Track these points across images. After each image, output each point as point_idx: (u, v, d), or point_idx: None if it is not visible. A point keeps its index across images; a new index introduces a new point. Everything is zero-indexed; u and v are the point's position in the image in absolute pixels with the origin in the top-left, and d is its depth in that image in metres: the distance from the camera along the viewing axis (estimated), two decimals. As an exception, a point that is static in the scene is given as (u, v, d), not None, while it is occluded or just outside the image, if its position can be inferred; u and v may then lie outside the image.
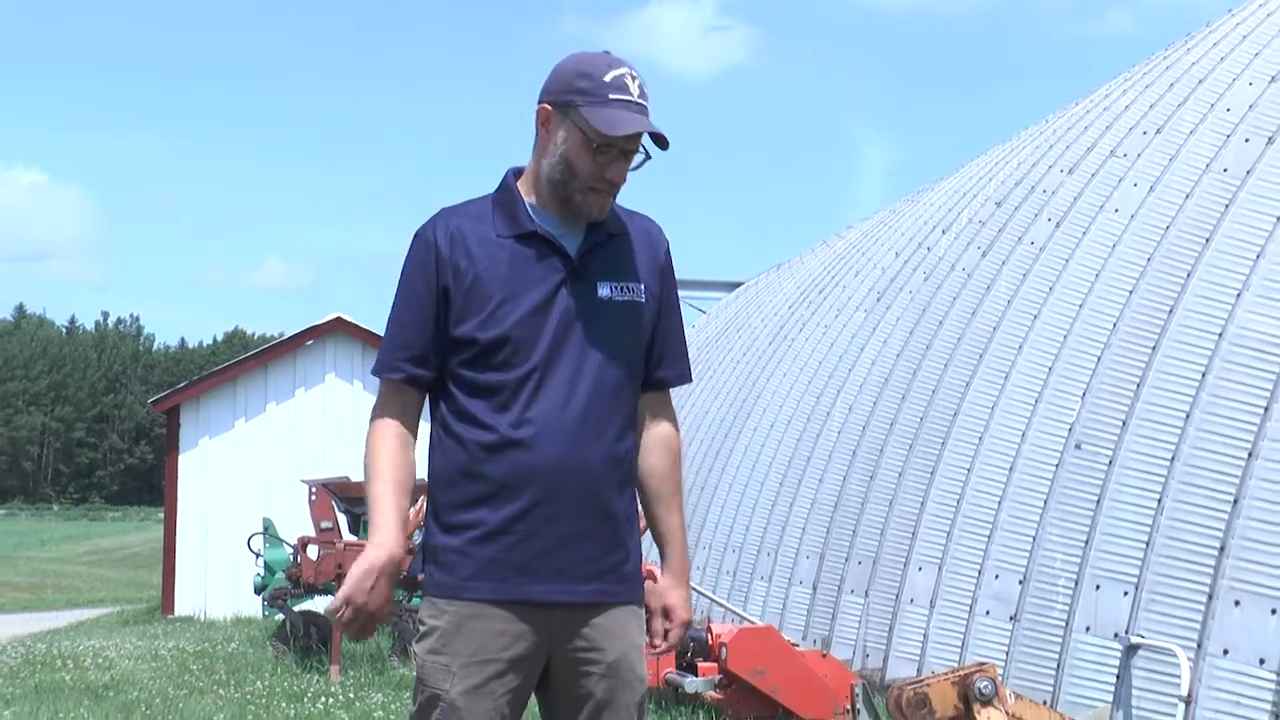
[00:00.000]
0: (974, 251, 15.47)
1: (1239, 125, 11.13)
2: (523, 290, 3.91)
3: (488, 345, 3.90)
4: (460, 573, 3.90)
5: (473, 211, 4.02)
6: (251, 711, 11.82)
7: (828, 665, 11.34)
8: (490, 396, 3.90)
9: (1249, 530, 8.76)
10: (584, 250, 3.99)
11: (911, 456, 13.87)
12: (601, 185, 3.92)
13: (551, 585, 3.89)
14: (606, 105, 3.85)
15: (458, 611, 3.88)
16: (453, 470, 3.95)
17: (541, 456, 3.86)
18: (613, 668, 3.95)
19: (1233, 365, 9.49)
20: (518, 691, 3.91)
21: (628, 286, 4.03)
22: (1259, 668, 8.51)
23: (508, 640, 3.87)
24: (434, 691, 3.86)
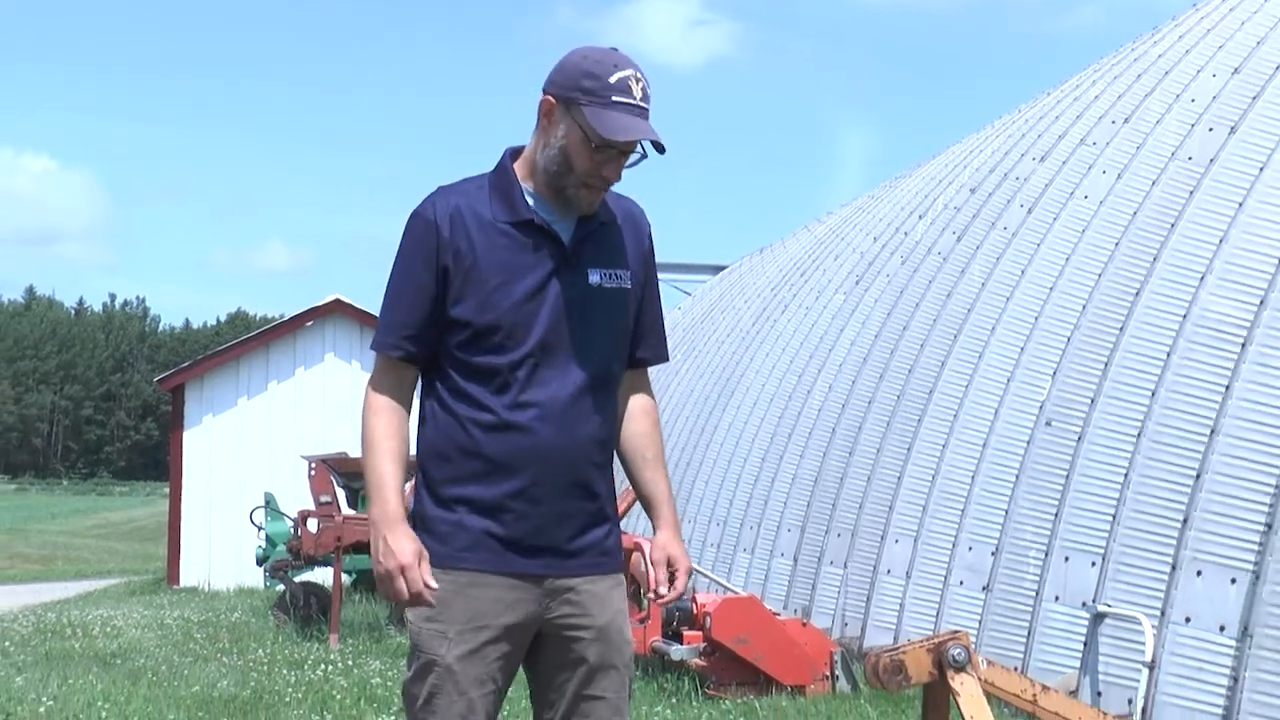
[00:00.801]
0: (949, 236, 15.48)
1: (1203, 115, 11.14)
2: (518, 276, 3.90)
3: (483, 329, 3.89)
4: (455, 544, 3.90)
5: (470, 192, 3.99)
6: (254, 678, 11.82)
7: (808, 634, 11.36)
8: (487, 379, 3.90)
9: (1210, 503, 8.78)
10: (577, 239, 3.98)
11: (889, 433, 13.89)
12: (596, 182, 3.91)
13: (542, 560, 3.91)
14: (609, 107, 3.83)
15: (453, 580, 3.87)
16: (448, 446, 3.95)
17: (538, 439, 3.87)
18: (603, 632, 3.97)
19: (1196, 346, 9.51)
20: (509, 658, 3.92)
21: (616, 274, 4.03)
22: (1219, 634, 8.55)
23: (501, 608, 3.88)
24: (430, 657, 3.86)
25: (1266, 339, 8.91)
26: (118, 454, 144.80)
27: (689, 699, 10.48)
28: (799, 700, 10.38)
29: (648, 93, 3.90)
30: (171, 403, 28.57)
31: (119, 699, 10.57)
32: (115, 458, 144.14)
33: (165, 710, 10.06)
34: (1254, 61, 10.97)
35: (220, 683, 11.65)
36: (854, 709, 9.89)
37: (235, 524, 24.03)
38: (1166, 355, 9.74)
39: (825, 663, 11.01)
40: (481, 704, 3.86)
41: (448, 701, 3.84)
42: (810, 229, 27.24)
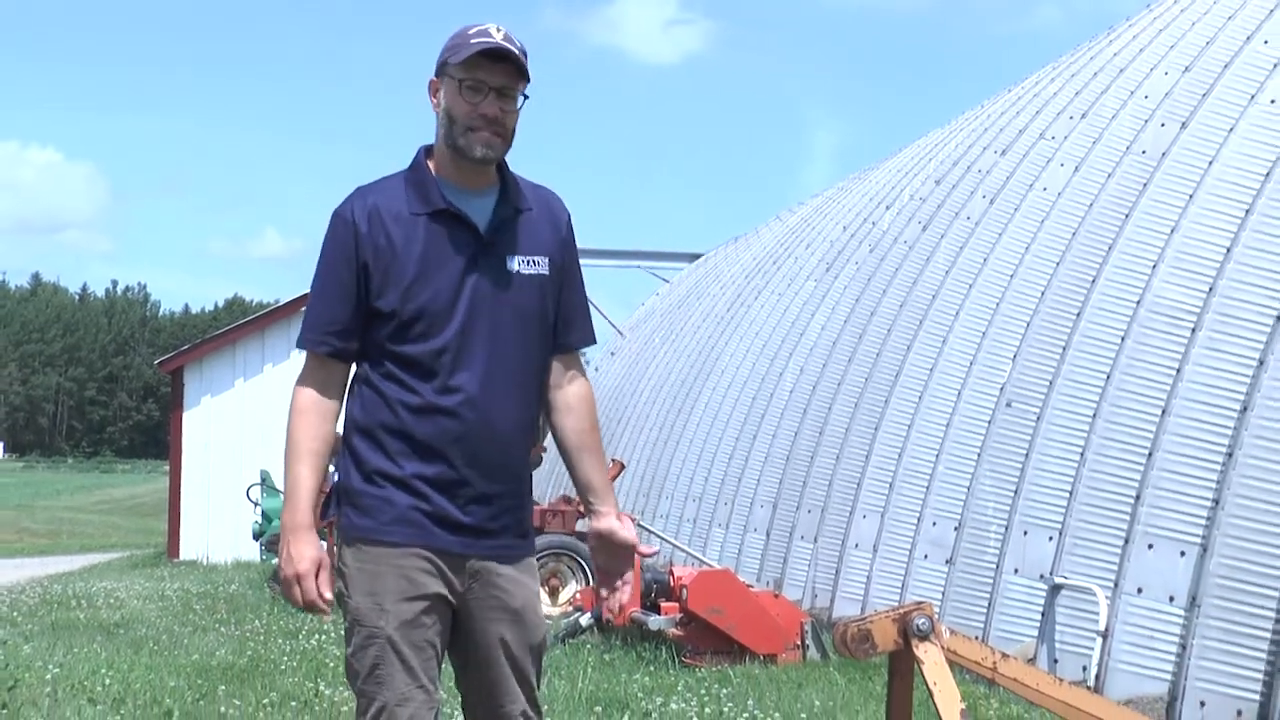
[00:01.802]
0: (915, 226, 15.49)
1: (1156, 111, 11.16)
2: (436, 266, 3.86)
3: (406, 319, 3.85)
4: (381, 518, 3.86)
5: (387, 189, 3.95)
6: (251, 647, 11.81)
7: (779, 605, 11.38)
8: (414, 366, 3.86)
9: (1162, 480, 8.82)
10: (493, 226, 3.94)
11: (857, 414, 13.92)
12: (478, 123, 3.84)
13: (464, 539, 3.88)
14: (467, 47, 3.83)
15: (382, 553, 3.85)
16: (375, 425, 3.90)
17: (464, 422, 3.84)
18: (518, 614, 3.96)
19: (1149, 331, 9.53)
20: (440, 624, 3.90)
21: (534, 260, 3.98)
22: (1169, 604, 8.59)
23: (429, 578, 3.85)
24: (370, 630, 3.84)
25: (1215, 324, 8.94)
26: (120, 433, 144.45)
27: (666, 667, 10.49)
28: (771, 668, 10.40)
29: (510, 37, 3.86)
30: (171, 384, 28.53)
31: (122, 667, 10.56)
32: (118, 437, 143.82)
33: (166, 678, 10.04)
34: (1204, 60, 10.99)
35: (218, 651, 11.64)
36: (823, 676, 9.92)
37: (232, 500, 24.04)
38: (1121, 339, 9.77)
39: (796, 632, 11.03)
40: (423, 670, 3.84)
41: (391, 671, 3.82)
42: (782, 219, 27.24)
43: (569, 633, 11.69)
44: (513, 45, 3.85)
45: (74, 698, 9.20)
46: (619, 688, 9.30)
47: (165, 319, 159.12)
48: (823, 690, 9.25)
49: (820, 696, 8.94)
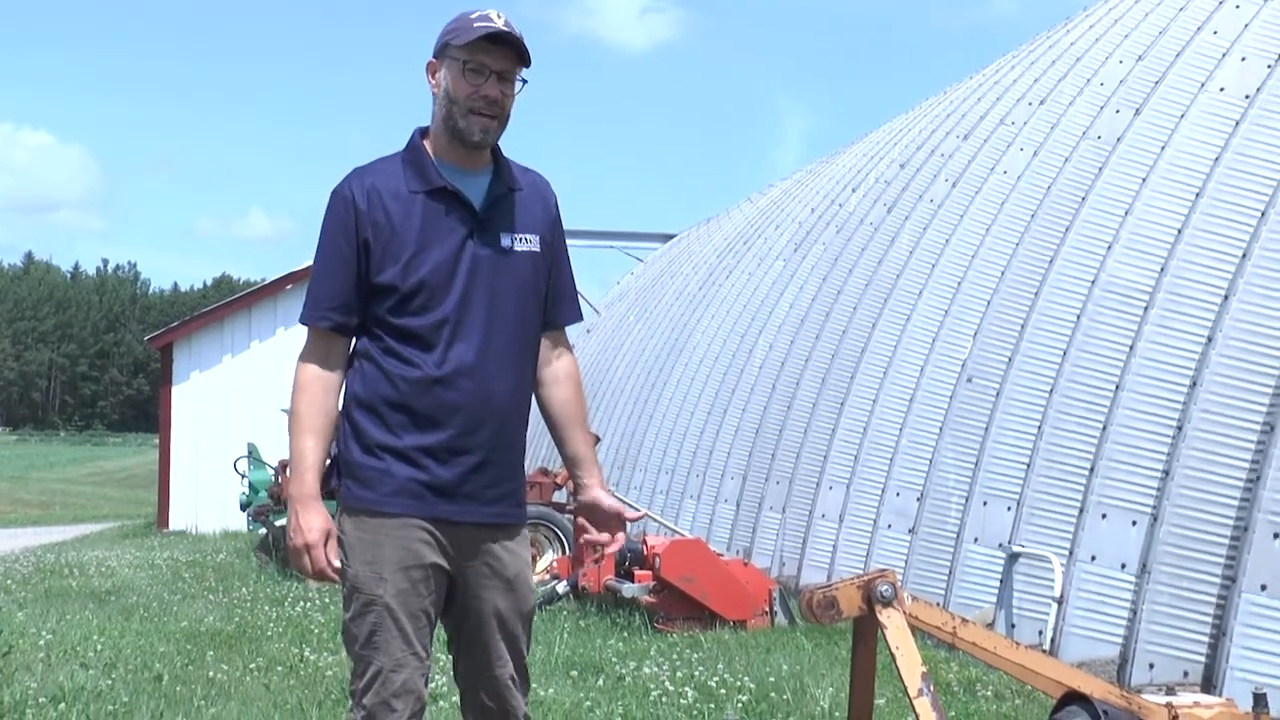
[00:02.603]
0: (880, 208, 15.50)
1: (1111, 98, 11.18)
2: (434, 241, 3.86)
3: (406, 293, 3.84)
4: (382, 489, 3.85)
5: (385, 169, 3.95)
6: (238, 614, 11.79)
7: (749, 573, 11.40)
8: (413, 339, 3.86)
9: (1115, 453, 8.86)
10: (487, 204, 3.94)
11: (824, 389, 13.94)
12: (480, 104, 3.85)
13: (462, 507, 3.87)
14: (470, 30, 3.82)
15: (382, 524, 3.84)
16: (376, 399, 3.88)
17: (462, 394, 3.84)
18: (512, 582, 3.96)
19: (1103, 309, 9.57)
20: (436, 594, 3.90)
21: (526, 237, 3.98)
22: (1121, 571, 8.64)
23: (428, 549, 3.85)
24: (369, 597, 3.84)
25: (1166, 303, 8.97)
26: (111, 408, 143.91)
27: (639, 633, 10.51)
28: (740, 634, 10.43)
29: (510, 23, 3.86)
30: (161, 360, 28.43)
31: (113, 633, 10.54)
32: (109, 411, 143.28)
33: (155, 643, 10.03)
34: (1157, 49, 11.01)
35: (207, 618, 11.62)
36: (791, 641, 9.94)
37: (220, 472, 23.99)
38: (1077, 318, 9.80)
39: (765, 599, 11.05)
40: (417, 637, 3.84)
41: (388, 637, 3.82)
42: (753, 200, 27.23)
43: (546, 600, 11.70)
44: (513, 30, 3.85)
45: (67, 662, 9.19)
46: (594, 653, 9.32)
47: (155, 297, 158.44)
48: (790, 655, 9.27)
49: (788, 661, 8.96)
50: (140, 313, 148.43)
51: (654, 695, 7.68)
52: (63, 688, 8.08)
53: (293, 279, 28.06)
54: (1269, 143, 8.85)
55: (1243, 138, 9.04)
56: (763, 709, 7.40)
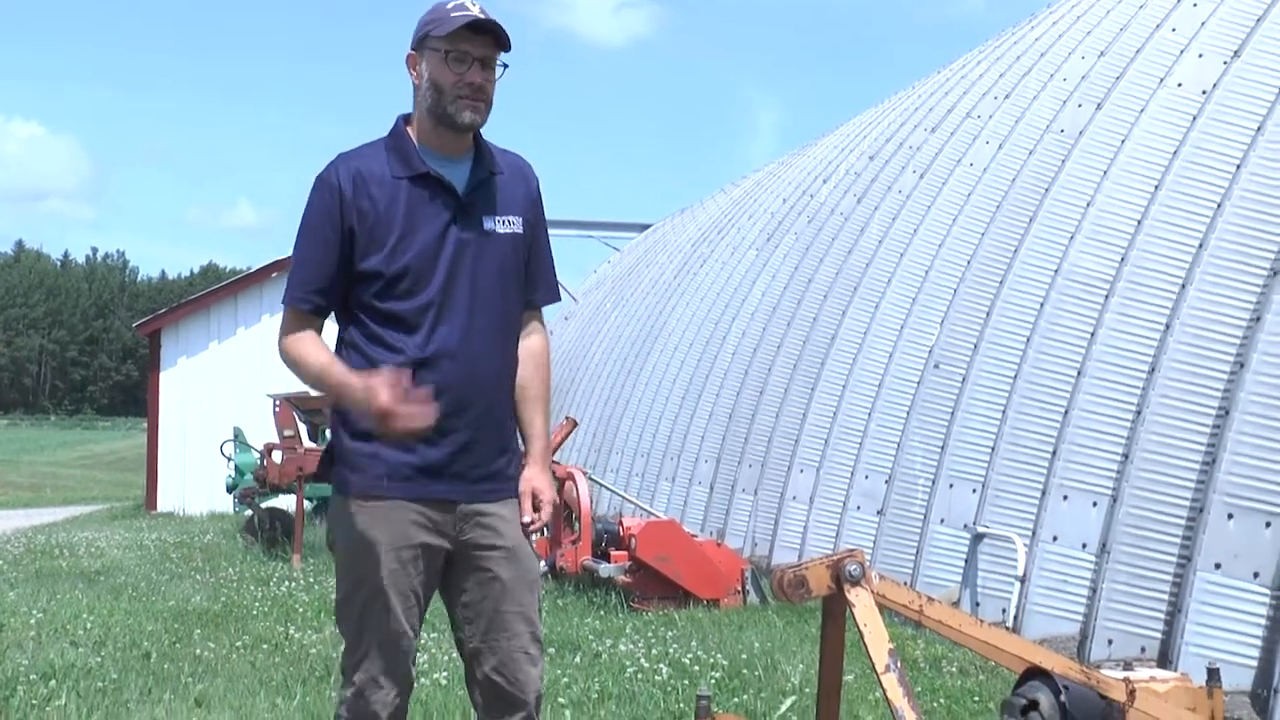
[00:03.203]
0: (850, 199, 15.52)
1: (1074, 93, 11.20)
2: (418, 226, 3.84)
3: (391, 277, 3.82)
4: (372, 473, 3.83)
5: (369, 155, 3.92)
6: (224, 593, 11.76)
7: (722, 553, 11.41)
8: (397, 322, 3.83)
9: (1076, 437, 8.89)
10: (470, 188, 3.92)
11: (795, 375, 13.96)
12: (465, 91, 3.82)
13: (452, 486, 3.85)
14: (449, 20, 3.80)
15: (373, 506, 3.82)
16: None
17: (446, 375, 3.81)
18: (512, 551, 3.93)
19: (1066, 297, 9.60)
20: (427, 574, 3.88)
21: (508, 219, 3.96)
22: (1081, 551, 8.68)
23: (418, 529, 3.83)
24: (359, 576, 3.83)
25: (1126, 291, 9.00)
26: (101, 392, 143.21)
27: (615, 611, 10.52)
28: (714, 612, 10.44)
29: (485, 10, 3.84)
30: (149, 346, 28.30)
31: (102, 612, 10.50)
32: (98, 396, 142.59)
33: (144, 622, 9.99)
34: (1118, 45, 11.03)
35: (194, 597, 11.59)
36: (762, 619, 9.97)
37: (207, 455, 23.90)
38: (1040, 305, 9.82)
39: (737, 579, 11.07)
40: (406, 617, 3.83)
41: (376, 616, 3.81)
42: (727, 191, 27.23)
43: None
44: (491, 17, 3.83)
45: (57, 640, 9.15)
46: (571, 631, 9.32)
47: (143, 284, 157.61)
48: (762, 632, 9.29)
49: (759, 638, 8.98)
50: (129, 300, 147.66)
51: (629, 672, 7.69)
52: (53, 665, 8.05)
53: (278, 267, 27.95)
54: (1225, 137, 8.89)
55: (1200, 132, 9.07)
56: (735, 685, 7.41)
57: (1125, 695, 3.08)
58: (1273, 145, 8.38)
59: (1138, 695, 3.09)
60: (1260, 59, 8.93)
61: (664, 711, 6.66)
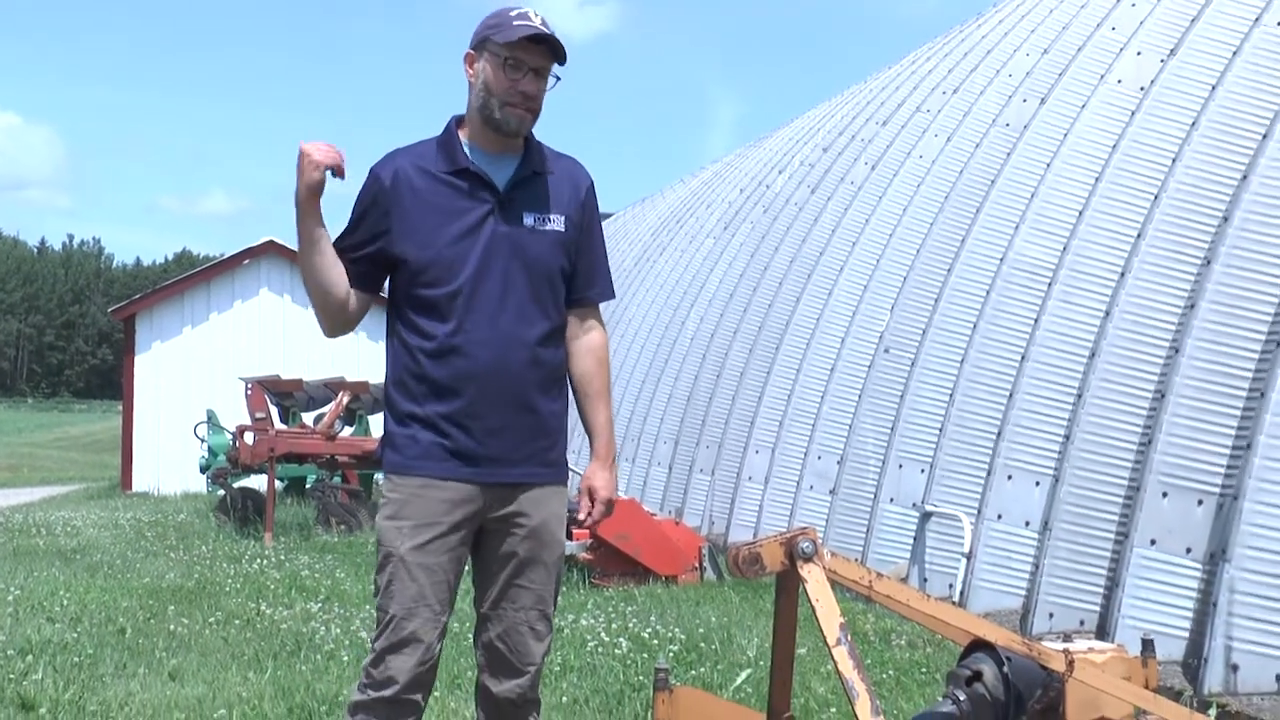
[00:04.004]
0: (804, 189, 15.54)
1: (1019, 88, 11.25)
2: (452, 218, 3.90)
3: (422, 264, 3.88)
4: (409, 454, 3.91)
5: (418, 151, 4.00)
6: (198, 571, 11.71)
7: (680, 531, 11.43)
8: (431, 309, 3.89)
9: (1020, 418, 8.95)
10: (511, 184, 3.96)
11: (751, 359, 13.98)
12: (516, 99, 3.88)
13: (483, 469, 3.90)
14: (511, 29, 3.85)
15: (408, 484, 3.90)
16: (402, 372, 3.95)
17: (475, 361, 3.86)
18: (535, 531, 3.98)
19: (1011, 285, 9.64)
20: (455, 551, 3.93)
21: (549, 217, 4.00)
22: (1025, 529, 8.73)
23: (449, 508, 3.88)
24: (389, 549, 3.89)
25: (1068, 279, 9.05)
26: (77, 376, 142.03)
27: (577, 587, 10.52)
28: (672, 588, 10.46)
29: (546, 22, 3.91)
30: (124, 331, 28.08)
31: (78, 589, 10.43)
32: (75, 379, 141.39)
33: (119, 599, 9.94)
34: (1061, 43, 11.08)
35: (168, 575, 11.53)
36: (719, 594, 9.99)
37: (181, 437, 23.76)
38: (986, 292, 9.87)
39: (695, 556, 11.09)
40: (432, 591, 3.86)
41: (402, 587, 3.85)
42: (685, 182, 27.22)
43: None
44: (551, 31, 3.88)
45: (34, 616, 9.09)
46: (535, 606, 9.31)
47: (118, 270, 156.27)
48: (719, 607, 9.32)
49: (716, 613, 9.00)
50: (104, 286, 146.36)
51: (591, 646, 7.69)
52: (30, 640, 8.01)
53: (250, 254, 27.80)
54: (1162, 131, 8.94)
55: (1138, 126, 9.12)
56: (692, 658, 7.43)
57: (1065, 666, 3.11)
58: (1206, 140, 8.44)
59: (1076, 666, 3.11)
60: (1195, 57, 8.99)
61: (624, 684, 6.68)
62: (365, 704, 3.87)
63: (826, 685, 6.57)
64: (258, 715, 6.20)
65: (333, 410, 16.34)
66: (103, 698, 6.59)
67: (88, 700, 6.52)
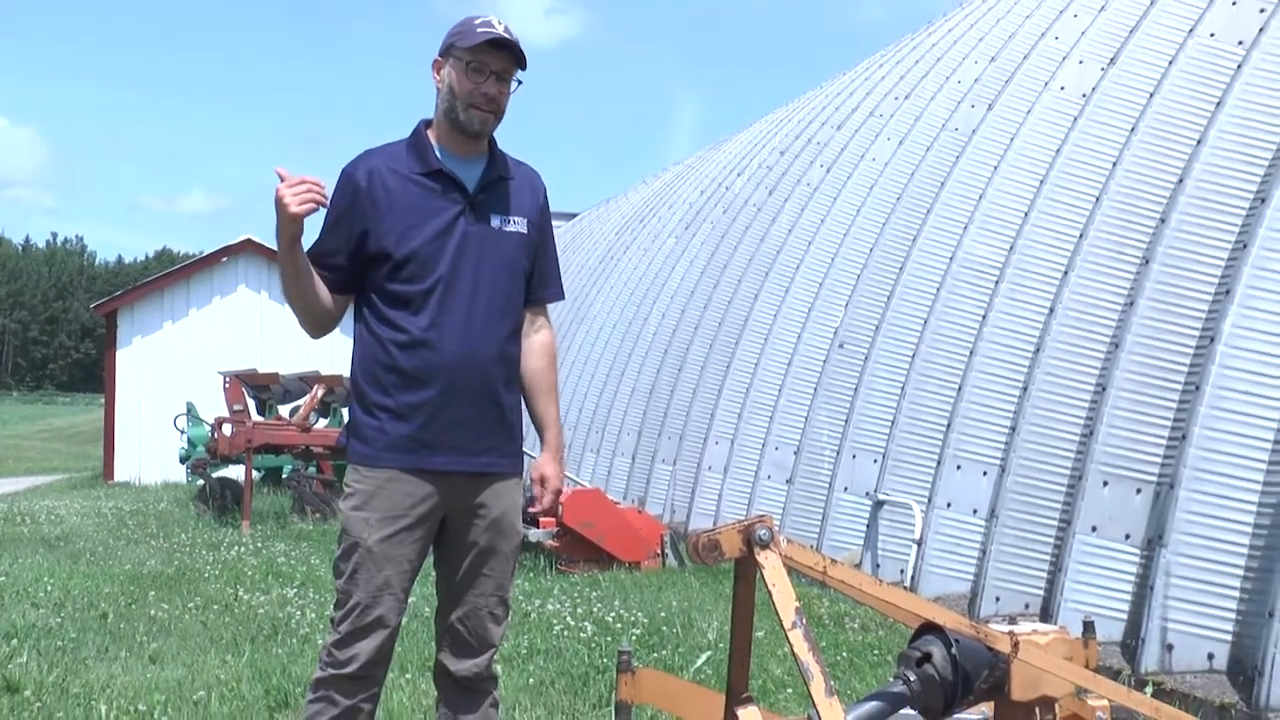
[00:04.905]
0: (762, 190, 15.55)
1: (967, 94, 11.29)
2: (428, 217, 3.89)
3: (399, 261, 3.87)
4: (377, 445, 3.89)
5: (390, 152, 3.99)
6: (178, 558, 11.64)
7: (643, 520, 11.44)
8: (404, 304, 3.88)
9: (969, 411, 8.98)
10: (480, 187, 3.98)
11: (711, 354, 13.99)
12: (479, 100, 3.89)
13: (448, 457, 3.89)
14: (474, 34, 3.87)
15: (375, 477, 3.88)
16: (372, 363, 3.93)
17: (444, 355, 3.86)
18: (495, 522, 3.99)
19: (960, 283, 9.68)
20: (421, 541, 3.93)
21: (514, 220, 4.02)
22: (973, 516, 8.77)
23: (414, 500, 3.88)
24: (355, 539, 3.88)
25: (1015, 277, 9.09)
26: (60, 370, 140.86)
27: (544, 574, 10.52)
28: (635, 574, 10.47)
29: (509, 30, 3.92)
30: (106, 326, 27.89)
31: (62, 575, 10.35)
32: (58, 373, 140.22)
33: (101, 584, 9.87)
34: (1007, 52, 11.13)
35: (149, 561, 11.45)
36: (680, 580, 10.00)
37: (161, 428, 23.65)
38: (936, 290, 9.90)
39: (657, 543, 11.10)
40: (397, 579, 3.87)
41: (368, 575, 3.85)
42: (648, 183, 27.20)
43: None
44: (512, 36, 3.89)
45: (19, 602, 9.02)
46: (503, 591, 9.29)
47: (101, 268, 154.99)
48: (680, 592, 9.33)
49: (677, 597, 9.01)
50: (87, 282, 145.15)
51: (557, 629, 7.69)
52: (15, 625, 7.94)
53: (228, 252, 27.66)
54: (1102, 136, 8.99)
55: (1080, 131, 9.17)
56: (655, 641, 7.44)
57: (1010, 647, 3.12)
58: (1145, 145, 8.49)
59: (1021, 647, 3.13)
60: (1134, 66, 9.04)
61: (588, 666, 6.67)
62: (327, 680, 3.89)
63: (783, 667, 6.59)
64: (235, 697, 6.17)
65: (308, 403, 16.28)
66: (85, 680, 6.55)
67: (71, 683, 6.47)
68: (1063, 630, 3.35)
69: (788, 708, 5.79)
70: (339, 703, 3.88)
